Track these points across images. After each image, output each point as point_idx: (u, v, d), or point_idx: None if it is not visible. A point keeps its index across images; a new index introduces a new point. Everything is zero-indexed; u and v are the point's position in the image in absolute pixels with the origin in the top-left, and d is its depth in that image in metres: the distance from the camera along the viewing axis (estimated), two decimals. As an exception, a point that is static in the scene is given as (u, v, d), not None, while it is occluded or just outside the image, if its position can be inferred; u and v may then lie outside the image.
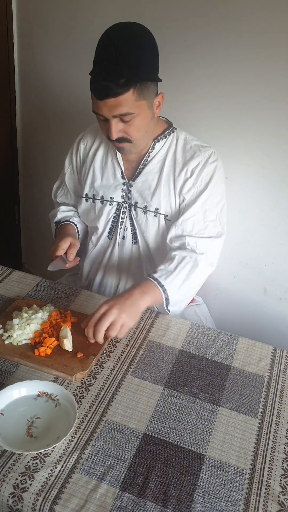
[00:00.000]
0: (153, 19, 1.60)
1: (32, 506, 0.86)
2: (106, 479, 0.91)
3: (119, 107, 1.21)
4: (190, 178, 1.37)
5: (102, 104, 1.22)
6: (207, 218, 1.39)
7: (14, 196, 2.42)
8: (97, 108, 1.25)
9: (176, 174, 1.38)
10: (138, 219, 1.45)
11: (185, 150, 1.39)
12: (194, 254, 1.35)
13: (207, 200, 1.38)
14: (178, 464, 0.96)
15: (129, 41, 1.19)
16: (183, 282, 1.31)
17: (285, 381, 1.18)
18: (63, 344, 1.15)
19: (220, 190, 1.41)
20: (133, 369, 1.16)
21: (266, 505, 0.91)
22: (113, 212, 1.48)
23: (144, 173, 1.42)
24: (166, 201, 1.41)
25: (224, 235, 1.42)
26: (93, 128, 1.52)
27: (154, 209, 1.42)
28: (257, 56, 1.46)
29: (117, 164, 1.45)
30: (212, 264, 1.42)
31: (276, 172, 1.59)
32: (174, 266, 1.31)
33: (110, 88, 1.18)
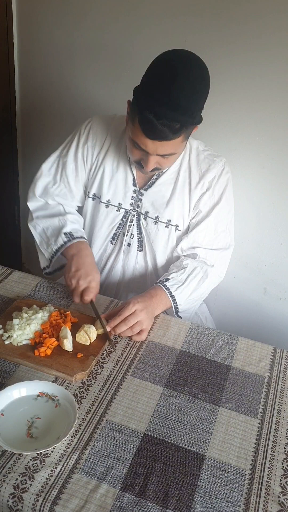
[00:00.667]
0: (153, 19, 1.61)
1: (32, 506, 0.86)
2: (106, 480, 0.91)
3: (167, 148, 1.21)
4: (207, 192, 1.39)
5: (149, 142, 1.19)
6: (218, 229, 1.41)
7: (14, 196, 2.42)
8: (141, 142, 1.20)
9: (192, 186, 1.39)
10: (147, 228, 1.45)
11: (199, 161, 1.39)
12: (205, 265, 1.39)
13: (220, 212, 1.40)
14: (178, 464, 0.96)
15: (191, 84, 1.13)
16: (192, 293, 1.36)
17: (285, 381, 1.18)
18: (63, 344, 1.15)
19: (231, 201, 1.44)
20: (133, 370, 1.16)
21: (266, 505, 0.91)
22: (119, 219, 1.46)
23: (158, 184, 1.41)
24: (179, 212, 1.41)
25: (232, 246, 1.46)
26: (100, 121, 1.45)
27: (167, 220, 1.42)
28: (257, 57, 1.47)
29: (130, 171, 1.42)
30: (221, 276, 1.46)
31: (276, 173, 1.59)
32: (185, 277, 1.35)
33: (165, 133, 1.15)
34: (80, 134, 1.46)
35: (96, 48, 1.80)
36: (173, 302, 1.33)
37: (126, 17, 1.67)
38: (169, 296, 1.32)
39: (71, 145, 1.46)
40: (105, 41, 1.77)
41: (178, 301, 1.33)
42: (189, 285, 1.35)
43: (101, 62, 1.82)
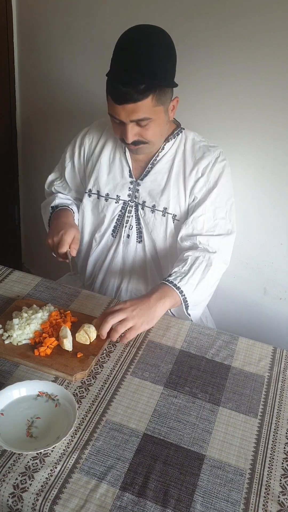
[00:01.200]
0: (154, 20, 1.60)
1: (32, 506, 0.86)
2: (106, 479, 0.91)
3: (137, 112, 1.23)
4: (202, 178, 1.39)
5: (120, 109, 1.23)
6: (217, 216, 1.40)
7: (14, 196, 2.42)
8: (114, 112, 1.25)
9: (186, 174, 1.40)
10: (145, 218, 1.45)
11: (194, 150, 1.41)
12: (207, 253, 1.36)
13: (216, 198, 1.39)
14: (178, 464, 0.96)
15: (149, 47, 1.19)
16: (198, 282, 1.30)
17: (285, 381, 1.18)
18: (63, 344, 1.15)
19: (229, 188, 1.43)
20: (133, 369, 1.16)
21: (266, 505, 0.91)
22: (118, 210, 1.48)
23: (153, 172, 1.42)
24: (175, 200, 1.41)
25: (234, 233, 1.44)
26: (99, 124, 1.52)
27: (163, 209, 1.43)
28: (258, 56, 1.47)
29: (125, 162, 1.45)
30: (226, 262, 1.42)
31: (276, 172, 1.59)
32: (188, 268, 1.31)
33: (130, 94, 1.19)
34: (78, 135, 1.54)
35: (96, 48, 1.80)
36: (180, 294, 1.26)
37: (127, 17, 1.67)
38: (175, 288, 1.25)
39: (71, 144, 1.55)
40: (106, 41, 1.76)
41: (186, 292, 1.26)
42: (193, 274, 1.29)
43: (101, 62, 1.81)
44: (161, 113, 1.28)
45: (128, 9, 1.66)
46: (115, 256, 1.53)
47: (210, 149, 1.40)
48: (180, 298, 1.26)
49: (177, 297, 1.26)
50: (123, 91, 1.19)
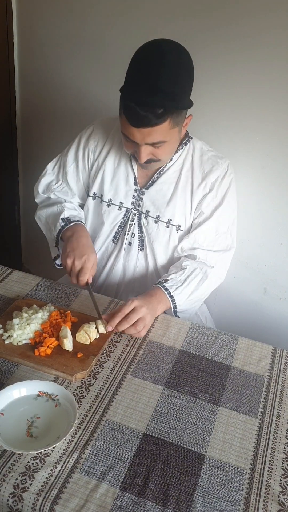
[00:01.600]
0: (152, 21, 1.61)
1: (32, 506, 0.86)
2: (106, 479, 0.91)
3: (154, 135, 1.20)
4: (210, 193, 1.38)
5: (135, 131, 1.20)
6: (219, 231, 1.41)
7: (14, 196, 2.42)
8: (128, 133, 1.22)
9: (194, 186, 1.39)
10: (148, 227, 1.45)
11: (202, 161, 1.39)
12: (204, 266, 1.39)
13: (221, 214, 1.40)
14: (178, 464, 0.96)
15: (169, 67, 1.14)
16: (191, 293, 1.36)
17: (285, 381, 1.18)
18: (63, 344, 1.15)
19: (234, 203, 1.44)
20: (133, 369, 1.16)
21: (266, 505, 0.91)
22: (120, 218, 1.47)
23: (159, 182, 1.41)
24: (181, 212, 1.41)
25: (233, 249, 1.46)
26: (103, 123, 1.48)
27: (167, 220, 1.42)
28: (257, 56, 1.47)
29: (131, 169, 1.43)
30: (221, 277, 1.46)
31: (275, 172, 1.59)
32: (184, 277, 1.35)
33: (148, 118, 1.15)
34: (81, 136, 1.49)
35: (96, 49, 1.80)
36: (172, 302, 1.33)
37: (127, 17, 1.67)
38: (168, 296, 1.32)
39: (72, 146, 1.50)
40: (106, 41, 1.77)
41: (177, 301, 1.33)
42: (188, 285, 1.35)
43: (102, 62, 1.82)
44: (175, 134, 1.26)
45: (127, 10, 1.66)
46: (116, 263, 1.52)
47: (218, 161, 1.39)
48: (171, 305, 1.33)
49: (168, 304, 1.33)
50: (140, 114, 1.15)
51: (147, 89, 1.14)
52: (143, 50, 1.18)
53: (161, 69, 1.14)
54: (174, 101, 1.17)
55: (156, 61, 1.14)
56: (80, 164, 1.49)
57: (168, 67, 1.14)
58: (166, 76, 1.14)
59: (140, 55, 1.18)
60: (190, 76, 1.22)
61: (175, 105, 1.17)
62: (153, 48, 1.17)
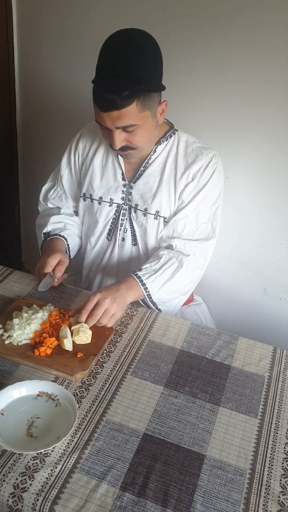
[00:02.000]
0: (152, 19, 1.61)
1: (32, 506, 0.86)
2: (106, 479, 0.91)
3: (123, 119, 1.21)
4: (192, 183, 1.38)
5: (105, 116, 1.22)
6: (199, 220, 1.40)
7: (14, 196, 2.42)
8: (100, 118, 1.25)
9: (177, 177, 1.38)
10: (138, 221, 1.45)
11: (187, 153, 1.39)
12: (180, 255, 1.38)
13: (201, 202, 1.39)
14: (178, 464, 0.96)
15: (132, 52, 1.18)
16: (165, 282, 1.34)
17: (285, 381, 1.18)
18: (63, 344, 1.15)
19: (216, 193, 1.42)
20: (133, 369, 1.16)
21: (266, 505, 0.91)
22: (112, 214, 1.48)
23: (145, 175, 1.41)
24: (166, 203, 1.41)
25: (214, 238, 1.44)
26: (91, 127, 1.50)
27: (155, 212, 1.42)
28: (257, 56, 1.47)
29: (118, 165, 1.44)
30: (200, 267, 1.43)
31: (275, 172, 1.59)
32: (159, 266, 1.35)
33: (114, 101, 1.17)
34: (72, 141, 1.53)
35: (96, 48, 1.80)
36: (144, 290, 1.32)
37: (127, 17, 1.67)
38: (140, 284, 1.31)
39: (66, 151, 1.54)
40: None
41: (150, 290, 1.32)
42: (162, 274, 1.33)
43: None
44: (148, 118, 1.26)
45: (127, 9, 1.66)
46: (111, 259, 1.53)
47: (203, 152, 1.38)
48: (144, 293, 1.32)
49: (141, 292, 1.32)
50: (107, 98, 1.18)
51: (112, 73, 1.18)
52: (110, 37, 1.22)
53: (126, 53, 1.17)
54: (139, 84, 1.18)
55: (120, 46, 1.18)
56: (73, 167, 1.52)
57: (132, 51, 1.18)
58: (131, 59, 1.17)
59: (107, 43, 1.22)
60: (157, 61, 1.23)
61: (141, 87, 1.19)
62: (119, 35, 1.21)
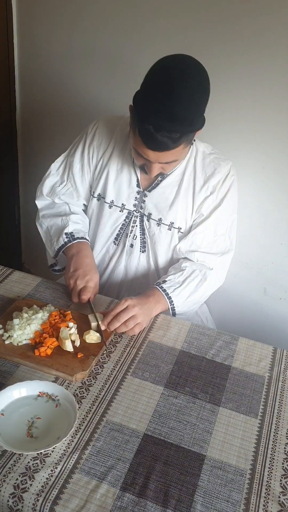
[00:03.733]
0: (152, 19, 1.61)
1: (32, 506, 0.86)
2: (107, 480, 0.91)
3: (168, 157, 1.21)
4: (211, 196, 1.38)
5: (150, 152, 1.19)
6: (217, 232, 1.41)
7: (14, 196, 2.42)
8: (142, 152, 1.21)
9: (196, 189, 1.38)
10: (150, 230, 1.45)
11: (205, 164, 1.39)
12: (204, 268, 1.39)
13: (220, 215, 1.40)
14: (179, 464, 0.96)
15: (190, 93, 1.12)
16: (189, 295, 1.35)
17: (285, 381, 1.18)
18: (64, 345, 1.15)
19: (233, 204, 1.43)
20: (133, 370, 1.16)
21: (266, 505, 0.91)
22: (122, 219, 1.47)
23: (162, 186, 1.40)
24: (182, 215, 1.41)
25: (232, 251, 1.45)
26: (107, 123, 1.45)
27: (169, 223, 1.42)
28: (257, 56, 1.47)
29: (134, 172, 1.42)
30: (220, 280, 1.46)
31: (276, 172, 1.59)
32: (183, 279, 1.35)
33: (165, 144, 1.15)
34: (87, 135, 1.47)
35: (96, 49, 1.80)
36: (170, 303, 1.32)
37: (126, 17, 1.67)
38: (166, 297, 1.32)
39: (78, 145, 1.48)
40: (106, 42, 1.77)
41: (175, 303, 1.33)
42: (187, 287, 1.34)
43: (101, 63, 1.82)
44: (187, 151, 1.27)
45: (127, 10, 1.66)
46: (118, 264, 1.52)
47: (221, 164, 1.38)
48: (169, 306, 1.33)
49: (166, 305, 1.33)
50: (158, 139, 1.14)
51: (166, 114, 1.11)
52: (164, 68, 1.13)
53: (182, 94, 1.10)
54: (191, 126, 1.17)
55: (178, 85, 1.10)
56: (85, 163, 1.47)
57: (189, 93, 1.11)
58: (186, 102, 1.12)
59: (160, 74, 1.13)
60: (207, 98, 1.19)
61: (192, 129, 1.18)
62: (175, 68, 1.12)
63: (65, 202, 1.52)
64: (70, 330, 1.19)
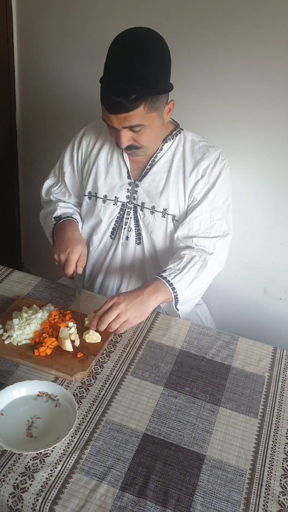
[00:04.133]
0: (152, 18, 1.60)
1: (32, 506, 0.86)
2: (106, 479, 0.91)
3: (130, 120, 1.22)
4: (202, 179, 1.38)
5: (112, 117, 1.22)
6: (213, 217, 1.40)
7: (14, 196, 2.42)
8: (107, 119, 1.25)
9: (186, 174, 1.39)
10: (145, 219, 1.45)
11: (194, 150, 1.40)
12: (203, 253, 1.37)
13: (214, 199, 1.39)
14: (178, 464, 0.96)
15: (140, 54, 1.17)
16: (192, 281, 1.32)
17: (285, 381, 1.18)
18: (64, 345, 1.15)
19: (227, 189, 1.43)
20: (133, 369, 1.16)
21: (266, 505, 0.90)
22: (117, 212, 1.47)
23: (152, 173, 1.42)
24: (175, 201, 1.41)
25: (230, 235, 1.44)
26: (96, 124, 1.50)
27: (162, 210, 1.42)
28: (258, 55, 1.46)
29: (123, 163, 1.44)
30: (221, 264, 1.43)
31: (276, 172, 1.59)
32: (183, 265, 1.32)
33: (122, 104, 1.18)
34: (75, 137, 1.53)
35: (97, 48, 1.80)
36: (172, 290, 1.27)
37: (127, 16, 1.67)
38: (167, 284, 1.26)
39: (68, 147, 1.54)
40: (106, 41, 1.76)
41: (178, 289, 1.28)
42: (188, 273, 1.31)
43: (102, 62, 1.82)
44: (154, 119, 1.26)
45: (126, 9, 1.66)
46: (114, 257, 1.52)
47: (210, 149, 1.40)
48: (172, 294, 1.28)
49: (169, 293, 1.27)
50: (115, 100, 1.18)
51: (120, 76, 1.17)
52: (119, 38, 1.21)
53: (135, 56, 1.17)
54: (148, 87, 1.18)
55: (130, 48, 1.18)
56: (75, 164, 1.52)
57: (142, 54, 1.17)
58: (140, 63, 1.17)
59: (116, 44, 1.21)
60: (165, 62, 1.23)
61: (149, 90, 1.19)
62: (128, 36, 1.20)
63: (58, 199, 1.59)
64: (69, 330, 1.19)
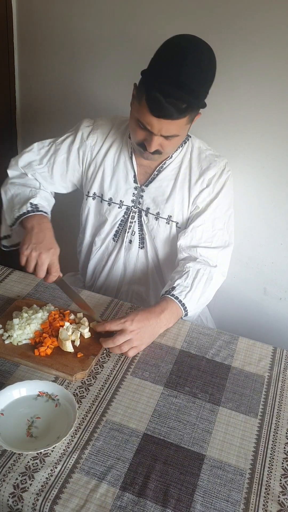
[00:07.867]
0: (152, 18, 1.61)
1: (32, 506, 0.86)
2: (106, 479, 0.91)
3: (171, 128, 1.21)
4: (207, 188, 1.39)
5: (154, 121, 1.19)
6: (215, 227, 1.41)
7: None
8: (146, 121, 1.21)
9: (192, 182, 1.39)
10: (149, 225, 1.45)
11: (201, 159, 1.40)
12: (208, 267, 1.37)
13: (216, 208, 1.40)
14: (178, 464, 0.96)
15: (201, 65, 1.16)
16: (200, 297, 1.33)
17: (285, 381, 1.18)
18: (64, 346, 1.15)
19: (229, 199, 1.44)
20: (133, 369, 1.16)
21: (266, 505, 0.91)
22: (121, 216, 1.47)
23: (159, 179, 1.41)
24: (179, 208, 1.41)
25: (232, 245, 1.44)
26: (102, 123, 1.47)
27: (167, 216, 1.42)
28: (258, 55, 1.47)
29: (131, 167, 1.43)
30: (224, 275, 1.44)
31: (276, 172, 1.60)
32: (190, 281, 1.32)
33: (170, 110, 1.16)
34: (82, 131, 1.47)
35: (97, 48, 1.80)
36: (183, 310, 1.29)
37: (127, 16, 1.67)
38: (180, 305, 1.28)
39: (69, 136, 1.49)
40: (106, 41, 1.77)
41: (189, 308, 1.30)
42: (196, 289, 1.31)
43: (102, 61, 1.82)
44: (187, 130, 1.27)
45: (127, 9, 1.66)
46: (117, 260, 1.52)
47: (216, 159, 1.40)
48: (183, 313, 1.30)
49: (180, 313, 1.29)
50: (164, 105, 1.15)
51: (175, 82, 1.14)
52: (178, 41, 1.18)
53: (192, 66, 1.14)
54: (197, 99, 1.18)
55: (190, 55, 1.14)
56: (72, 158, 1.47)
57: (198, 65, 1.15)
58: (196, 74, 1.15)
59: (175, 45, 1.17)
60: (213, 76, 1.22)
61: (197, 103, 1.19)
62: (188, 42, 1.18)
63: (37, 179, 1.50)
64: (68, 332, 1.19)
